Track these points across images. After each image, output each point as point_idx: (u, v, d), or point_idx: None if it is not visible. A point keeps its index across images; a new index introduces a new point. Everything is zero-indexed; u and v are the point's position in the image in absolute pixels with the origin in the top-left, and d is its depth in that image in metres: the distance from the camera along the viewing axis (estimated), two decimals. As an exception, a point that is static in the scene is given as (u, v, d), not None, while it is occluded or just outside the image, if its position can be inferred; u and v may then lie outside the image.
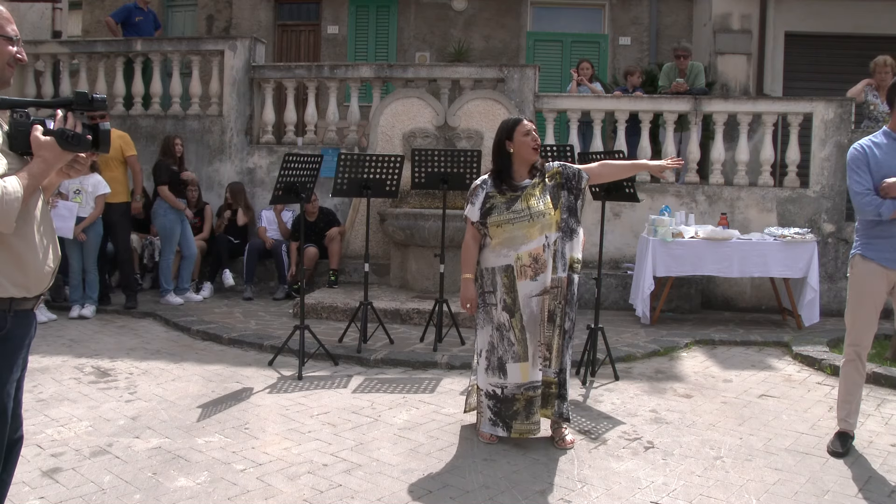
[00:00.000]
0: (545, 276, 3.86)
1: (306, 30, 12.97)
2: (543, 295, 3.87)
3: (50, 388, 4.83)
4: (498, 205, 3.86)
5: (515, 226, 3.82)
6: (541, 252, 3.84)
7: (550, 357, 3.94)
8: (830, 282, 7.80)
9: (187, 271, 7.84)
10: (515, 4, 12.47)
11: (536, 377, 3.92)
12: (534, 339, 3.89)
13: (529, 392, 3.91)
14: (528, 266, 3.83)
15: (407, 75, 8.77)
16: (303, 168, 5.50)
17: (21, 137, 2.25)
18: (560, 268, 3.91)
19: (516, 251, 3.83)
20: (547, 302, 3.88)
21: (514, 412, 3.93)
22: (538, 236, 3.83)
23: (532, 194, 3.87)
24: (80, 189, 7.04)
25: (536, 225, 3.82)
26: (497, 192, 3.89)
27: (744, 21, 10.64)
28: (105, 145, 2.30)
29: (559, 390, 3.98)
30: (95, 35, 12.24)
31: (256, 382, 5.06)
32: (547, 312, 3.89)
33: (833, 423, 4.43)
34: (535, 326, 3.88)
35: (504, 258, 3.86)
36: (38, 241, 2.33)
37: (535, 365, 3.91)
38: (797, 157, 8.11)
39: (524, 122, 3.96)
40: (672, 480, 3.56)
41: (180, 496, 3.28)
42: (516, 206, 3.84)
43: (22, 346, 2.38)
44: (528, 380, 3.90)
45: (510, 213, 3.83)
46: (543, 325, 3.89)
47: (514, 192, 3.87)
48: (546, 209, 3.85)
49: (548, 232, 3.85)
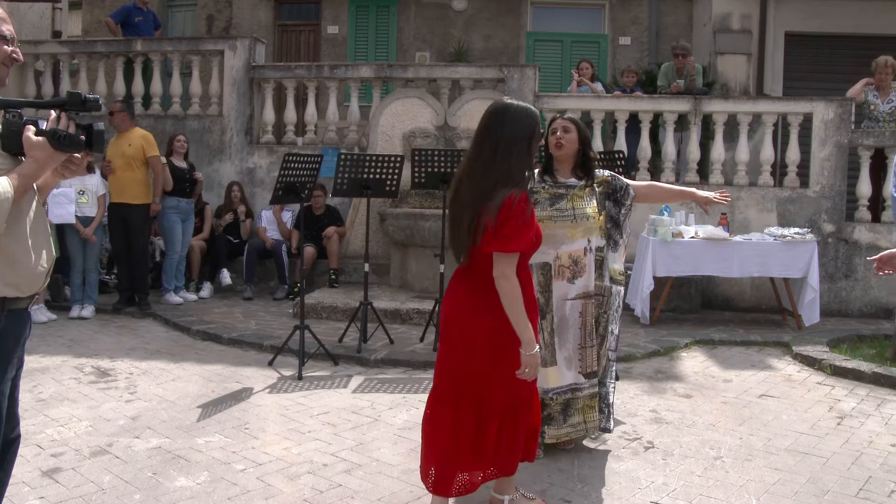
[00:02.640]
0: (584, 280, 3.72)
1: (306, 30, 12.96)
2: (584, 300, 3.72)
3: (50, 388, 4.83)
4: (541, 200, 3.71)
5: (557, 224, 3.68)
6: (582, 255, 3.71)
7: (597, 367, 3.80)
8: (830, 282, 7.80)
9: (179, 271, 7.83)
10: (515, 4, 12.47)
11: (574, 379, 3.75)
12: (566, 343, 3.73)
13: (566, 395, 3.75)
14: (566, 267, 3.70)
15: (407, 75, 8.77)
16: (303, 168, 5.50)
17: (13, 138, 2.25)
18: (606, 276, 3.80)
19: (556, 250, 3.68)
20: (589, 308, 3.74)
21: (547, 417, 3.74)
22: (580, 238, 3.70)
23: (579, 196, 3.74)
24: (83, 190, 7.06)
25: (580, 227, 3.69)
26: (542, 188, 3.75)
27: (744, 21, 10.64)
28: (99, 145, 2.30)
29: (600, 403, 3.85)
30: (95, 35, 12.24)
31: (256, 382, 5.06)
32: (589, 318, 3.74)
33: (833, 423, 4.44)
34: (566, 331, 3.73)
35: (543, 255, 3.65)
36: (30, 241, 2.33)
37: (572, 368, 3.75)
38: (797, 157, 8.10)
39: (557, 119, 3.84)
40: (672, 480, 3.56)
41: (180, 496, 3.27)
42: (561, 204, 3.71)
43: (16, 346, 2.38)
44: (558, 384, 3.74)
45: (553, 210, 3.69)
46: (585, 329, 3.74)
47: (558, 189, 3.74)
48: (592, 213, 3.73)
49: (591, 236, 3.73)
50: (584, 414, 3.80)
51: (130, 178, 7.24)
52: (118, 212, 7.31)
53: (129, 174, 7.24)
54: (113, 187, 7.32)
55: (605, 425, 3.90)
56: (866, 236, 7.83)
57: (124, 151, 7.25)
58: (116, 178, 7.27)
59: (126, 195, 7.25)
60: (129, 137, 7.34)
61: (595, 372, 3.81)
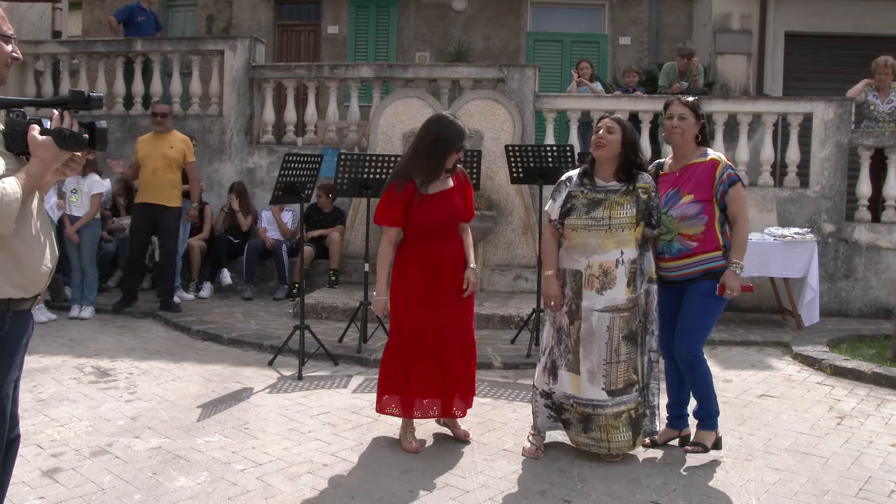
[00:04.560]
0: (614, 293, 3.64)
1: (306, 30, 12.96)
2: (613, 313, 3.65)
3: (50, 388, 4.83)
4: (578, 206, 3.68)
5: (591, 233, 3.64)
6: (612, 267, 3.63)
7: (638, 378, 3.73)
8: (830, 282, 7.80)
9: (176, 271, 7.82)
10: (515, 4, 12.47)
11: (595, 395, 3.67)
12: (590, 354, 3.67)
13: (586, 409, 3.69)
14: (596, 277, 3.64)
15: (407, 75, 8.77)
16: (303, 168, 5.50)
17: (18, 137, 2.25)
18: (639, 285, 3.70)
19: (588, 258, 3.65)
20: (618, 322, 3.65)
21: (566, 421, 3.77)
22: (613, 249, 3.63)
23: (619, 203, 3.64)
24: (76, 189, 7.02)
25: (613, 238, 3.62)
26: (580, 192, 3.71)
27: (744, 21, 10.64)
28: (102, 144, 2.30)
29: (645, 410, 3.80)
30: (95, 35, 12.23)
31: (256, 382, 5.06)
32: (617, 333, 3.65)
33: (833, 422, 4.44)
34: (592, 343, 3.66)
35: (575, 263, 3.69)
36: (35, 241, 2.33)
37: (595, 383, 3.66)
38: (797, 157, 8.10)
39: (604, 118, 3.78)
40: (672, 480, 3.56)
41: (180, 496, 3.27)
42: (597, 212, 3.64)
43: (20, 347, 2.38)
44: (579, 394, 3.70)
45: (588, 219, 3.64)
46: (611, 344, 3.65)
47: (596, 195, 3.68)
48: (628, 223, 3.62)
49: (625, 248, 3.64)
50: (607, 432, 3.69)
51: (169, 180, 7.12)
52: (150, 213, 7.16)
53: (168, 176, 7.12)
54: (148, 188, 7.15)
55: (650, 428, 3.85)
56: (866, 236, 7.83)
57: (166, 153, 7.13)
58: (155, 179, 7.12)
59: (162, 197, 7.13)
60: (171, 140, 7.24)
61: (621, 390, 3.68)
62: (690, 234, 3.74)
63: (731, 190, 3.74)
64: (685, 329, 3.79)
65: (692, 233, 3.73)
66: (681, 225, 3.75)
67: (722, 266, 3.74)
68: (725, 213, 3.77)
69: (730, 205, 3.74)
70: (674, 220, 3.75)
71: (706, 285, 3.74)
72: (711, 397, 3.83)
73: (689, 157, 3.86)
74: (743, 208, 3.76)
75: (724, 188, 3.73)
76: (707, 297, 3.76)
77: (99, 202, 7.16)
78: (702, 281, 3.75)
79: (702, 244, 3.73)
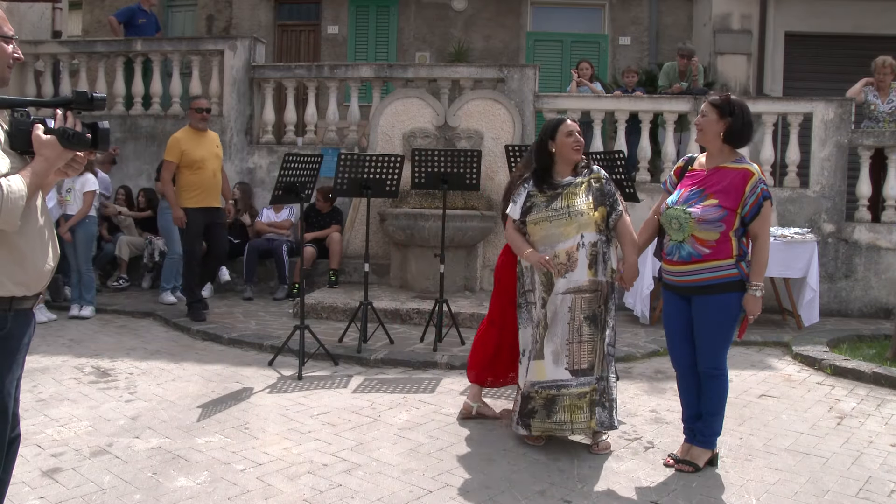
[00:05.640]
0: (575, 275, 3.76)
1: (306, 30, 12.97)
2: (574, 294, 3.76)
3: (50, 388, 4.83)
4: (538, 203, 3.85)
5: (553, 223, 3.80)
6: (574, 250, 3.77)
7: (586, 364, 3.80)
8: (830, 282, 7.80)
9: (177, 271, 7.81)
10: (515, 4, 12.48)
11: (560, 376, 3.78)
12: (554, 337, 3.79)
13: (550, 391, 3.80)
14: (563, 264, 3.77)
15: (407, 75, 8.77)
16: (303, 168, 5.50)
17: (22, 136, 2.26)
18: (601, 271, 3.81)
19: (553, 249, 3.79)
20: (579, 303, 3.77)
21: (531, 410, 3.85)
22: (574, 234, 3.77)
23: (574, 193, 3.83)
24: (71, 188, 6.99)
25: (574, 223, 3.77)
26: (538, 192, 3.87)
27: (744, 21, 10.65)
28: (104, 144, 2.31)
29: (600, 398, 3.84)
30: (95, 35, 12.24)
31: (256, 382, 5.06)
32: (578, 314, 3.76)
33: (833, 423, 4.44)
34: (556, 325, 3.79)
35: (541, 254, 3.81)
36: (38, 239, 2.34)
37: (559, 363, 3.78)
38: (797, 157, 8.10)
39: (567, 122, 3.90)
40: (672, 480, 3.56)
41: (180, 496, 3.28)
42: (555, 203, 3.81)
43: (21, 346, 2.39)
44: (543, 378, 3.80)
45: (548, 211, 3.81)
46: (573, 324, 3.77)
47: (554, 191, 3.84)
48: (587, 209, 3.79)
49: (584, 231, 3.77)
50: (570, 413, 3.80)
51: (214, 183, 6.79)
52: (208, 217, 6.79)
53: (220, 176, 6.87)
54: (209, 192, 6.77)
55: (603, 419, 3.86)
56: (866, 236, 7.83)
57: (217, 153, 6.85)
58: (215, 182, 6.82)
59: (216, 199, 6.85)
60: (212, 138, 6.94)
61: (584, 370, 3.80)
62: (703, 240, 3.57)
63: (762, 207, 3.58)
64: (703, 348, 3.66)
65: (706, 238, 3.57)
66: (696, 226, 3.56)
67: (731, 276, 3.56)
68: (745, 227, 3.60)
69: (755, 221, 3.58)
70: (690, 219, 3.57)
71: (716, 302, 3.58)
72: (719, 416, 3.71)
73: (719, 158, 3.76)
74: (767, 226, 3.61)
75: (758, 203, 3.56)
76: (720, 313, 3.60)
77: (91, 200, 7.03)
78: (711, 295, 3.58)
79: (714, 252, 3.56)
